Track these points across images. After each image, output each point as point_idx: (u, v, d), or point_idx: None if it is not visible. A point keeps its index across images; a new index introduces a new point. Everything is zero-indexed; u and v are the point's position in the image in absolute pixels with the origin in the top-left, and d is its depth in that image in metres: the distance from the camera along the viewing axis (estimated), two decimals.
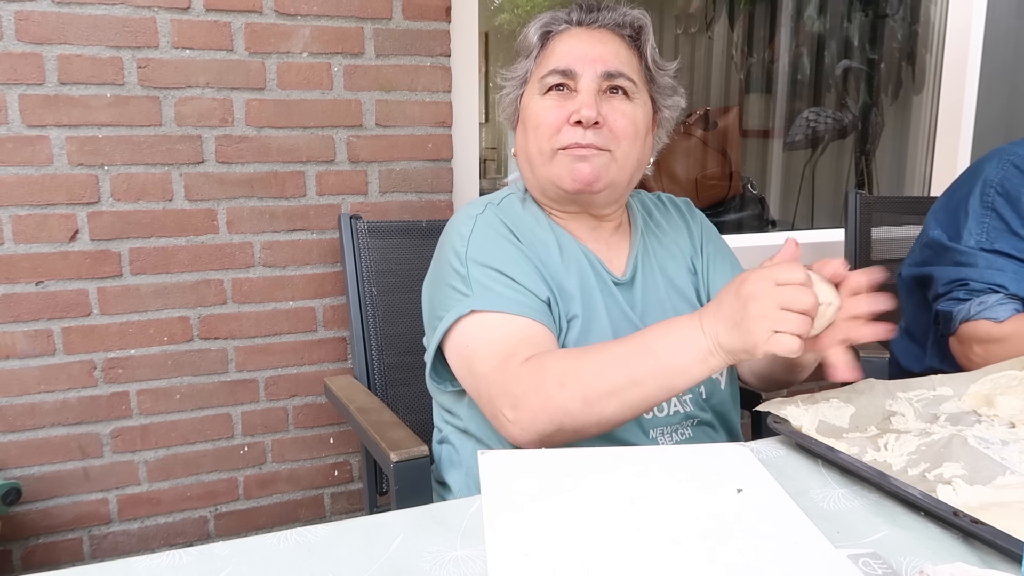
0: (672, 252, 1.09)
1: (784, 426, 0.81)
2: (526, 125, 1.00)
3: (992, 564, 0.60)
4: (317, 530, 0.64)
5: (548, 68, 0.98)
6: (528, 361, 0.85)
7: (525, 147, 1.01)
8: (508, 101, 1.05)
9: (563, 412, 0.81)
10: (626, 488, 0.69)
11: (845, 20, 3.11)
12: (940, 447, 0.75)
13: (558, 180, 0.97)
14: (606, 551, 0.59)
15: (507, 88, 1.04)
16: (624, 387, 0.80)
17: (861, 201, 1.82)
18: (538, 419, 0.82)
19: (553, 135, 0.96)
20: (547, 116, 0.97)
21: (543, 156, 0.98)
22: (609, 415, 0.81)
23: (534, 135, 0.98)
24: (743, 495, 0.68)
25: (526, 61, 1.02)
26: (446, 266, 0.96)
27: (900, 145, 2.93)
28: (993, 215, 1.22)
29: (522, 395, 0.83)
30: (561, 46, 0.99)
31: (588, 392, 0.80)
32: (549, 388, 0.82)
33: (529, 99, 1.00)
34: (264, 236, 1.58)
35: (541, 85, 0.98)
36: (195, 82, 1.49)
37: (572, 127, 0.95)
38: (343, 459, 1.74)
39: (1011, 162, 1.23)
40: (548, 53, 1.00)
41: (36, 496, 1.51)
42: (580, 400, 0.80)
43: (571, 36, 1.00)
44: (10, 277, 1.44)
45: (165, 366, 1.56)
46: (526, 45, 1.03)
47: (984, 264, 1.20)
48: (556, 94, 0.97)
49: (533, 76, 1.01)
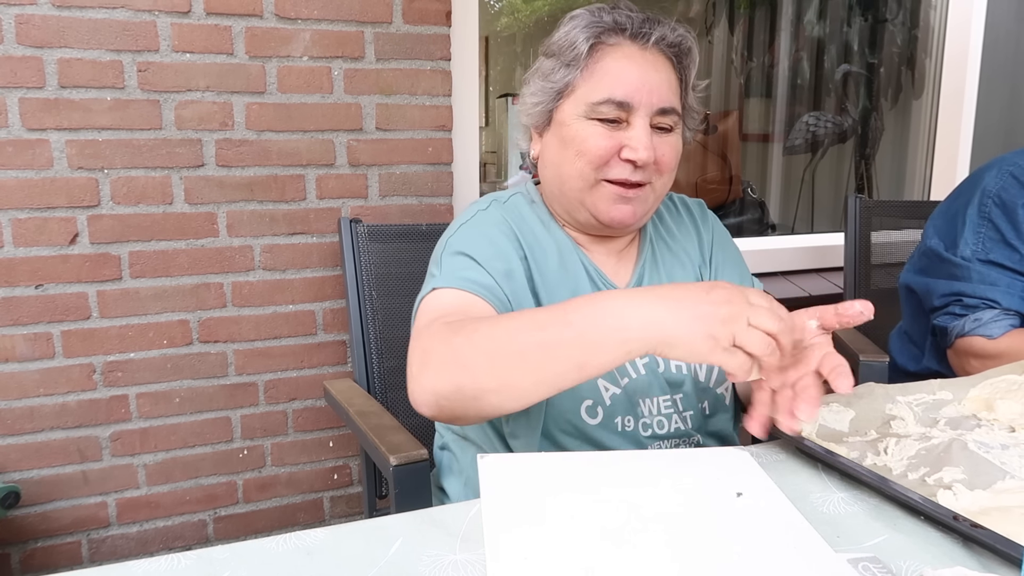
0: (681, 260, 1.06)
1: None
2: (565, 144, 0.94)
3: (992, 569, 0.59)
4: (316, 534, 0.64)
5: (603, 95, 0.90)
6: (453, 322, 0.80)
7: (559, 164, 0.95)
8: (539, 110, 0.97)
9: (464, 368, 0.74)
10: (625, 492, 0.69)
11: (845, 24, 3.11)
12: (940, 451, 0.75)
13: (593, 209, 0.94)
14: (605, 555, 0.59)
15: (539, 94, 0.96)
16: (531, 351, 0.71)
17: (861, 205, 1.82)
18: (439, 375, 0.75)
19: (600, 165, 0.92)
20: (596, 145, 0.91)
21: (583, 181, 0.93)
22: (512, 382, 0.72)
23: (576, 159, 0.92)
24: (743, 499, 0.68)
25: (568, 70, 0.93)
26: (434, 254, 0.97)
27: (900, 149, 2.93)
28: (989, 225, 1.23)
29: (431, 348, 0.77)
30: (614, 66, 0.91)
31: (495, 350, 0.73)
32: (457, 341, 0.75)
33: (572, 117, 0.93)
34: (264, 239, 1.59)
35: (591, 110, 0.91)
36: (195, 86, 1.49)
37: (622, 162, 0.91)
38: (342, 463, 1.74)
39: (1010, 172, 1.23)
40: (598, 71, 0.92)
41: (35, 499, 1.51)
42: (485, 356, 0.73)
43: (624, 55, 0.92)
44: (10, 280, 1.44)
45: (164, 369, 1.56)
46: (572, 53, 0.93)
47: (978, 278, 1.21)
48: (606, 123, 0.91)
49: (579, 93, 0.92)
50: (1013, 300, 1.19)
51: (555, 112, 0.95)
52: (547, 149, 0.98)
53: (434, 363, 0.76)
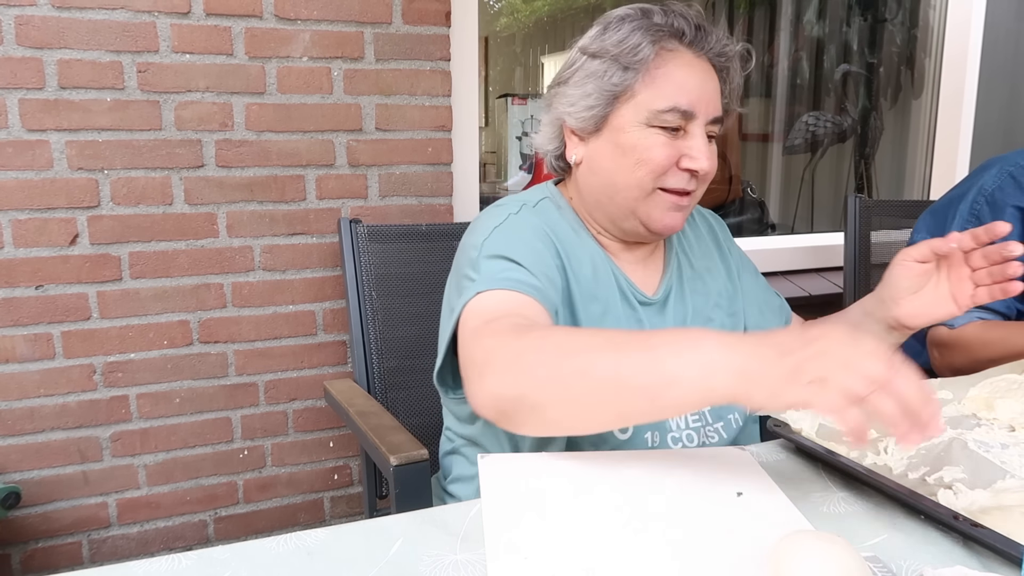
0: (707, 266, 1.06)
1: (784, 429, 0.81)
2: (625, 151, 0.91)
3: (992, 568, 0.59)
4: (317, 534, 0.64)
5: (668, 103, 0.88)
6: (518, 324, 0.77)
7: (613, 171, 0.92)
8: (593, 114, 0.92)
9: (528, 377, 0.70)
10: (626, 491, 0.69)
11: (844, 24, 3.11)
12: (940, 451, 0.75)
13: (646, 218, 0.92)
14: (605, 554, 0.59)
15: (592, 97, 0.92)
16: (602, 373, 0.67)
17: (861, 205, 1.82)
18: (502, 380, 0.71)
19: (660, 175, 0.90)
20: (658, 155, 0.89)
21: (640, 191, 0.91)
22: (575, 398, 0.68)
23: (636, 167, 0.90)
24: (743, 498, 0.68)
25: (627, 74, 0.89)
26: (464, 259, 0.91)
27: (899, 149, 2.93)
28: (976, 222, 1.24)
29: (495, 349, 0.74)
30: (678, 73, 0.89)
31: (561, 363, 0.68)
32: (523, 347, 0.72)
33: (632, 124, 0.90)
34: (264, 240, 1.59)
35: (654, 117, 0.89)
36: (195, 86, 1.49)
37: (679, 171, 0.90)
38: (343, 463, 1.74)
39: (1010, 173, 1.25)
40: (660, 76, 0.89)
41: (35, 500, 1.51)
42: (550, 368, 0.69)
43: (684, 62, 0.90)
44: (10, 281, 1.44)
45: (165, 370, 1.56)
46: (633, 57, 0.89)
47: None
48: (666, 131, 0.89)
49: (640, 99, 0.89)
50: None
51: (611, 117, 0.91)
52: (597, 156, 0.94)
53: (498, 366, 0.72)
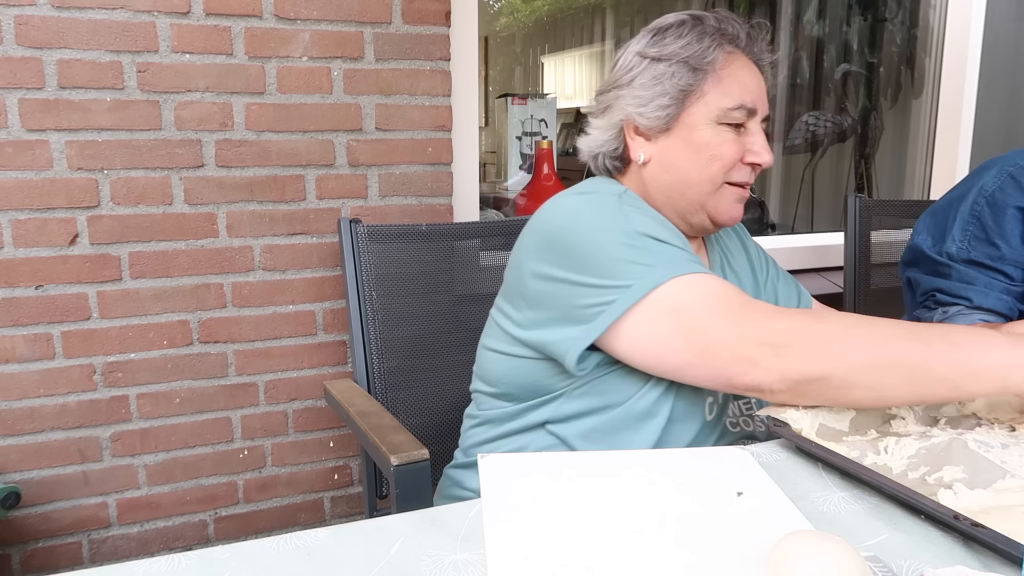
0: (740, 260, 1.13)
1: (784, 429, 0.81)
2: (698, 148, 0.97)
3: (992, 568, 0.59)
4: (317, 534, 0.64)
5: (735, 101, 0.95)
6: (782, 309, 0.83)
7: (686, 168, 0.98)
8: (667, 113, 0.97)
9: (839, 360, 0.76)
10: (626, 491, 0.69)
11: (844, 24, 3.11)
12: (940, 451, 0.75)
13: (714, 211, 0.99)
14: (605, 554, 0.59)
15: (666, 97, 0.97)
16: (913, 361, 0.75)
17: (861, 204, 1.82)
18: (809, 359, 0.77)
19: (728, 170, 0.97)
20: (728, 151, 0.96)
21: (711, 185, 0.97)
22: (884, 383, 0.76)
23: (707, 163, 0.96)
24: (743, 499, 0.68)
25: (697, 75, 0.95)
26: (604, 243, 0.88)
27: (899, 149, 2.93)
28: (976, 224, 1.25)
29: (791, 331, 0.79)
30: (741, 73, 0.97)
31: (874, 351, 0.76)
32: (828, 331, 0.78)
33: (703, 122, 0.96)
34: (264, 240, 1.59)
35: (724, 115, 0.95)
36: (195, 86, 1.49)
37: (744, 166, 0.98)
38: (343, 463, 1.74)
39: (1010, 173, 1.25)
40: (726, 77, 0.96)
41: (35, 500, 1.51)
42: (862, 354, 0.76)
43: (743, 63, 0.98)
44: (10, 281, 1.44)
45: (165, 370, 1.56)
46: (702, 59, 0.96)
47: (957, 276, 1.25)
48: (732, 128, 0.96)
49: (709, 98, 0.96)
50: (988, 299, 1.22)
51: (682, 116, 0.97)
52: (668, 153, 0.99)
53: (802, 346, 0.78)
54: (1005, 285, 1.22)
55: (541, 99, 2.35)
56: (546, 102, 2.36)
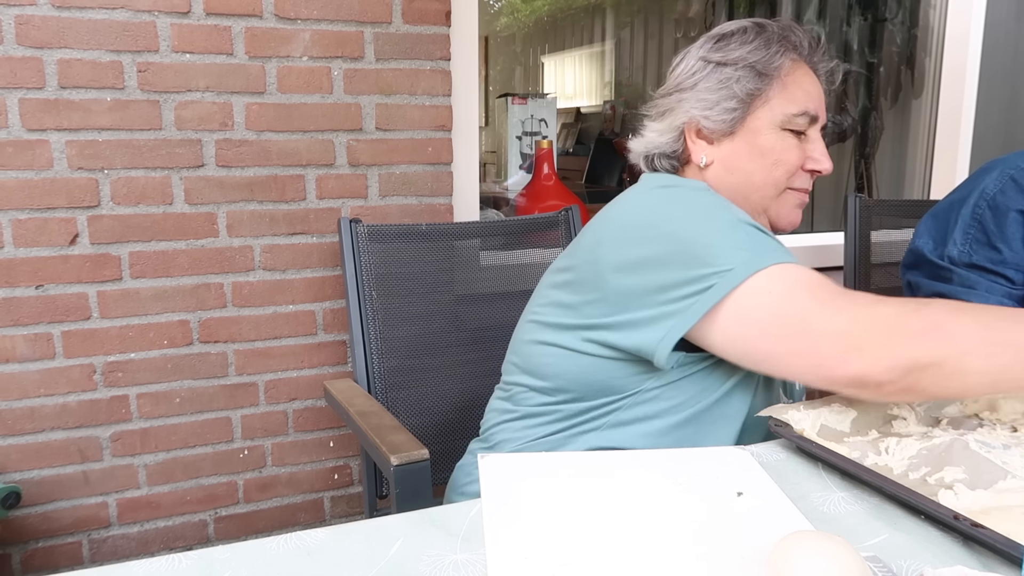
0: None
1: (785, 429, 0.81)
2: (763, 152, 0.98)
3: (992, 568, 0.59)
4: (317, 534, 0.64)
5: (800, 108, 0.97)
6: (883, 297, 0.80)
7: (751, 171, 0.99)
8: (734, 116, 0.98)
9: (952, 343, 0.74)
10: (626, 492, 0.69)
11: (844, 24, 3.11)
12: (941, 451, 0.75)
13: (776, 215, 1.01)
14: (605, 554, 0.59)
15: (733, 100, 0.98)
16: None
17: (861, 204, 1.82)
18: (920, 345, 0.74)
19: (790, 175, 0.99)
20: (791, 156, 0.98)
21: (774, 189, 0.99)
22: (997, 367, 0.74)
23: (772, 168, 0.98)
24: (743, 499, 0.68)
25: (762, 80, 0.97)
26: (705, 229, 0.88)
27: (899, 149, 2.93)
28: (978, 227, 1.25)
29: (898, 317, 0.76)
30: (804, 82, 0.99)
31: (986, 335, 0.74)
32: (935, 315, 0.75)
33: (768, 126, 0.98)
34: (264, 240, 1.59)
35: (787, 120, 0.97)
36: (195, 86, 1.49)
37: (804, 172, 0.99)
38: (343, 463, 1.74)
39: (1011, 176, 1.25)
40: (791, 83, 0.98)
41: (35, 500, 1.51)
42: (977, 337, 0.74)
43: (805, 72, 0.99)
44: (10, 281, 1.44)
45: (165, 370, 1.56)
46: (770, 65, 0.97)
47: (959, 281, 1.25)
48: (794, 134, 0.98)
49: (774, 103, 0.97)
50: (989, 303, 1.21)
51: (748, 120, 0.98)
52: (733, 157, 1.00)
53: (909, 332, 0.75)
54: (1007, 289, 1.22)
55: (541, 99, 2.35)
56: (546, 102, 2.36)
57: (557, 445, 0.99)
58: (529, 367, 1.02)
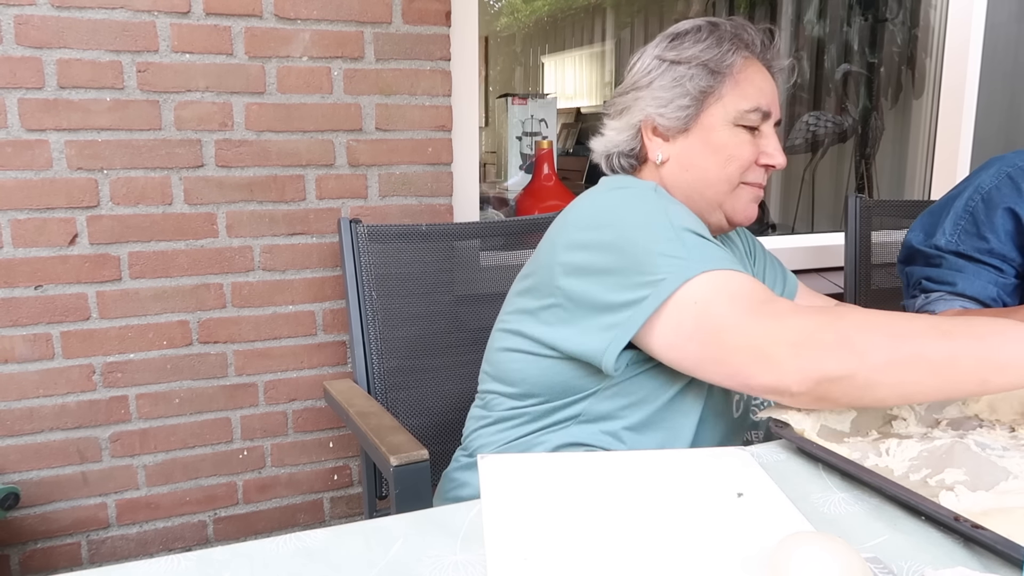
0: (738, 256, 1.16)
1: (785, 430, 0.81)
2: (716, 149, 0.99)
3: (993, 569, 0.59)
4: (316, 534, 0.64)
5: (752, 104, 0.98)
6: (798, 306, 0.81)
7: (705, 167, 1.00)
8: (687, 113, 1.00)
9: (860, 356, 0.74)
10: (626, 492, 0.69)
11: (845, 24, 3.11)
12: (942, 453, 0.75)
13: (731, 211, 1.02)
14: (605, 555, 0.59)
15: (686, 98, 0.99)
16: (937, 357, 0.73)
17: (861, 205, 1.82)
18: (829, 357, 0.75)
19: (744, 170, 1.00)
20: (743, 152, 0.99)
21: (728, 185, 1.00)
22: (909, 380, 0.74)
23: (725, 163, 0.99)
24: (743, 499, 0.68)
25: (715, 78, 0.99)
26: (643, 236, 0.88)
27: (900, 149, 2.93)
28: (969, 219, 1.27)
29: (812, 329, 0.77)
30: (756, 79, 1.00)
31: (897, 347, 0.74)
32: (846, 329, 0.75)
33: (719, 123, 0.99)
34: (264, 240, 1.58)
35: (740, 116, 0.98)
36: (195, 86, 1.49)
37: (758, 168, 1.01)
38: (343, 463, 1.74)
39: (1008, 174, 1.27)
40: (743, 80, 0.99)
41: (34, 500, 1.51)
42: (884, 351, 0.73)
43: (757, 69, 1.01)
44: (9, 281, 1.43)
45: (164, 370, 1.56)
46: (722, 62, 0.99)
47: (947, 265, 1.28)
48: (747, 130, 0.99)
49: (727, 100, 0.99)
50: (973, 285, 1.24)
51: (701, 117, 1.00)
52: (687, 153, 1.01)
53: (820, 345, 0.76)
54: (993, 276, 1.25)
55: (541, 99, 2.35)
56: (546, 102, 2.36)
57: (528, 447, 1.01)
58: (499, 374, 1.04)
